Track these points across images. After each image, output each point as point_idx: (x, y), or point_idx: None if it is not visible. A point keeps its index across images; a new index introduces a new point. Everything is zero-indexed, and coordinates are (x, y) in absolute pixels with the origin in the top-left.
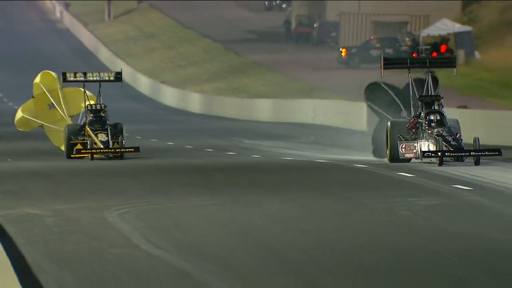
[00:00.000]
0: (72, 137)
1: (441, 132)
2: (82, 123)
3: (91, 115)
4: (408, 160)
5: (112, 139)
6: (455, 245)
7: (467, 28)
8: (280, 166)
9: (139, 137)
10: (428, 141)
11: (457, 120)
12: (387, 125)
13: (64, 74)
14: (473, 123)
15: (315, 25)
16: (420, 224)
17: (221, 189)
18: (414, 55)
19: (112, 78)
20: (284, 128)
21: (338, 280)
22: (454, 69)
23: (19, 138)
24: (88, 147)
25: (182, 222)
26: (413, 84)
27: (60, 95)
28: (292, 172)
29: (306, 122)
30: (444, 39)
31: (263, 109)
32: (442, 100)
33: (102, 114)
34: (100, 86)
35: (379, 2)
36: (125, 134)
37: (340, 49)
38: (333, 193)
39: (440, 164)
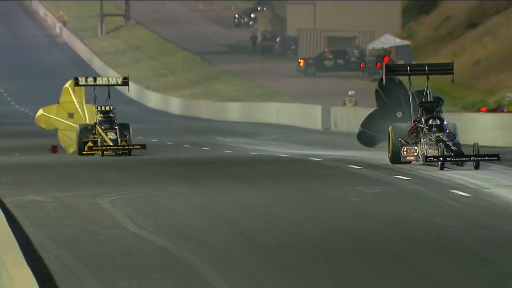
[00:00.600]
0: (84, 135)
1: (441, 137)
2: (93, 123)
3: (101, 115)
4: (409, 162)
5: (120, 137)
6: (397, 226)
7: (406, 42)
8: (248, 160)
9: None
10: (428, 145)
11: (455, 125)
12: (389, 129)
13: (76, 79)
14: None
15: (277, 40)
16: (367, 209)
17: (198, 179)
18: (361, 65)
19: (119, 82)
20: (252, 127)
21: (299, 257)
22: (452, 75)
23: (25, 135)
24: (99, 144)
25: (165, 207)
26: (413, 91)
27: (84, 108)
28: (259, 165)
29: (270, 122)
30: (386, 52)
31: (234, 111)
32: (442, 105)
33: (111, 115)
34: (109, 89)
35: (332, 20)
36: (131, 133)
37: (299, 60)
38: (293, 183)
39: (442, 168)
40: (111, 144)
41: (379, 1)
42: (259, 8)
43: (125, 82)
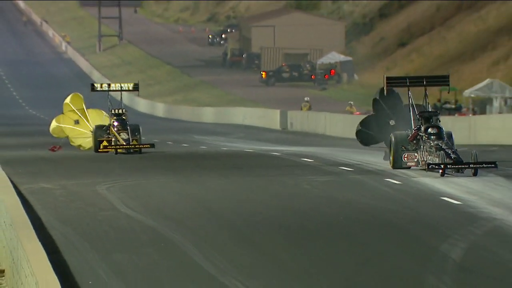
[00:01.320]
0: (99, 135)
1: (441, 145)
2: (107, 124)
3: (114, 117)
4: (409, 167)
5: (131, 136)
6: (342, 208)
7: (349, 58)
8: (220, 154)
9: None
10: (428, 152)
11: (451, 133)
12: (391, 137)
13: (92, 85)
14: (353, 124)
15: (244, 56)
16: (317, 194)
17: (179, 170)
18: (312, 77)
19: (130, 88)
20: (223, 128)
21: (261, 234)
22: (448, 87)
23: (37, 134)
24: (113, 144)
25: (152, 193)
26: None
27: (86, 114)
28: (228, 158)
29: (238, 123)
30: (333, 66)
31: (208, 114)
32: (439, 115)
33: (123, 117)
34: (121, 94)
35: (288, 40)
36: (141, 133)
37: (261, 72)
38: (256, 173)
39: (443, 175)
40: (124, 144)
41: (327, 24)
42: (228, 30)
43: (136, 88)
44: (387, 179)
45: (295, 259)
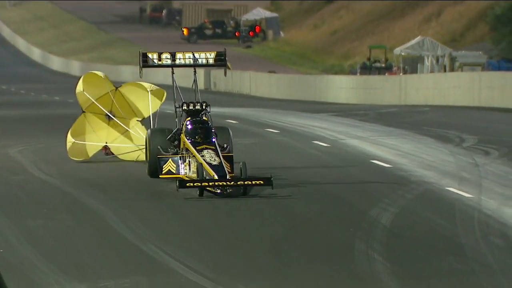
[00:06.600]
0: (161, 149)
1: None
2: (175, 129)
3: (188, 119)
4: None
5: (221, 152)
6: (267, 167)
7: (274, 14)
8: None
9: (33, 94)
10: None
11: None
12: None
13: (144, 56)
14: (279, 84)
15: (163, 11)
16: (242, 158)
17: None
18: (237, 34)
19: (211, 61)
20: None
21: (181, 200)
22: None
23: None
24: (198, 175)
25: (66, 156)
26: None
27: (113, 100)
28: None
29: (158, 83)
30: (258, 22)
31: (126, 73)
32: None
33: (204, 118)
34: (195, 72)
35: None
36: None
37: (183, 29)
38: None
39: None
40: (216, 178)
41: None
42: None
43: (221, 60)
44: (315, 141)
45: (219, 226)
